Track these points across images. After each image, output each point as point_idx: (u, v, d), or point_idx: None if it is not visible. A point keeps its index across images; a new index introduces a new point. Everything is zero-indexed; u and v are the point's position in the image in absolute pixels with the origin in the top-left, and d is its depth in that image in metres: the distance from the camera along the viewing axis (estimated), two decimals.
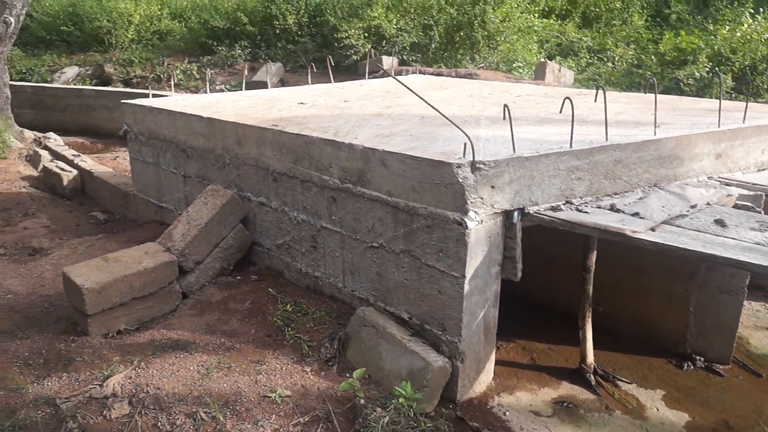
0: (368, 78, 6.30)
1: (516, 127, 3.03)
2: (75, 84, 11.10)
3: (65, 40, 12.90)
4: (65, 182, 6.56)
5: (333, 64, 6.13)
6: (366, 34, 8.72)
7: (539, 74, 7.94)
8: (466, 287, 2.85)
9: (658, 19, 12.01)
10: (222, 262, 4.04)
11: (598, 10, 11.68)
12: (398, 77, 6.40)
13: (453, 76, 7.75)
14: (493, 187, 2.83)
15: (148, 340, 3.42)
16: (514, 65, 8.73)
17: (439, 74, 7.75)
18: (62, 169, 6.72)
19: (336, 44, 8.84)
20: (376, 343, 3.09)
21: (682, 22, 11.85)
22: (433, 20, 8.68)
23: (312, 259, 3.76)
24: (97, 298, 3.41)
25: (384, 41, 8.75)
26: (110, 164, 7.70)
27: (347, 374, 3.05)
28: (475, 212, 2.79)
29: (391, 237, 3.17)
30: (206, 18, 10.92)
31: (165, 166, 4.91)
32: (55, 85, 10.83)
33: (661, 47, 9.29)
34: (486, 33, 8.42)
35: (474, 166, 2.77)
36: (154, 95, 5.48)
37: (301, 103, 4.76)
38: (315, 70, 6.17)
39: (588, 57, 10.06)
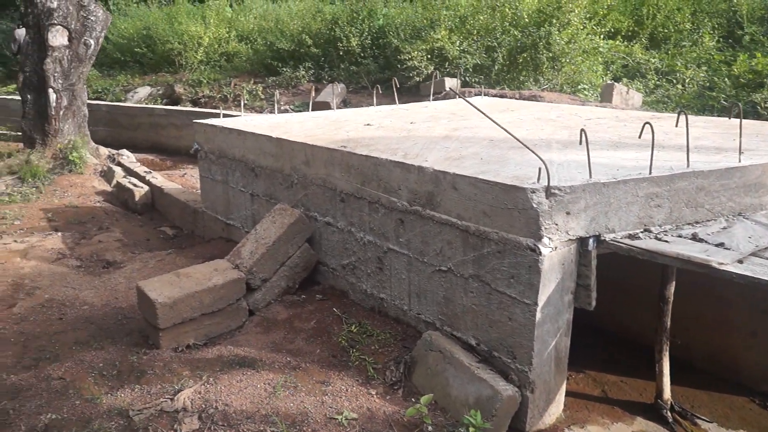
0: (432, 99, 6.31)
1: (581, 151, 2.96)
2: (147, 103, 11.57)
3: (138, 61, 13.51)
4: (137, 198, 6.81)
5: (398, 86, 6.17)
6: (429, 56, 8.76)
7: (606, 96, 7.77)
8: (538, 315, 2.78)
9: (730, 41, 11.58)
10: (288, 280, 4.08)
11: (666, 31, 11.37)
12: (466, 99, 6.38)
13: (517, 98, 7.68)
14: (568, 213, 2.76)
15: (216, 355, 3.48)
16: (579, 87, 8.57)
17: (502, 96, 7.69)
18: (134, 185, 6.99)
19: (399, 66, 8.91)
20: (443, 368, 3.04)
21: (756, 43, 11.39)
22: (496, 42, 8.64)
23: (377, 280, 3.75)
24: (169, 313, 3.49)
25: (447, 63, 8.76)
26: (179, 181, 7.95)
27: (413, 399, 3.01)
28: (549, 238, 2.73)
29: (460, 261, 3.13)
30: (272, 40, 11.23)
31: (233, 184, 5.03)
32: (128, 104, 11.32)
33: (735, 69, 8.95)
34: (551, 55, 8.32)
35: (549, 192, 2.71)
36: (225, 115, 5.63)
37: (368, 124, 4.80)
38: (379, 91, 6.22)
39: (656, 79, 9.78)
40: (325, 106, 9.46)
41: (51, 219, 6.17)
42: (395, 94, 5.99)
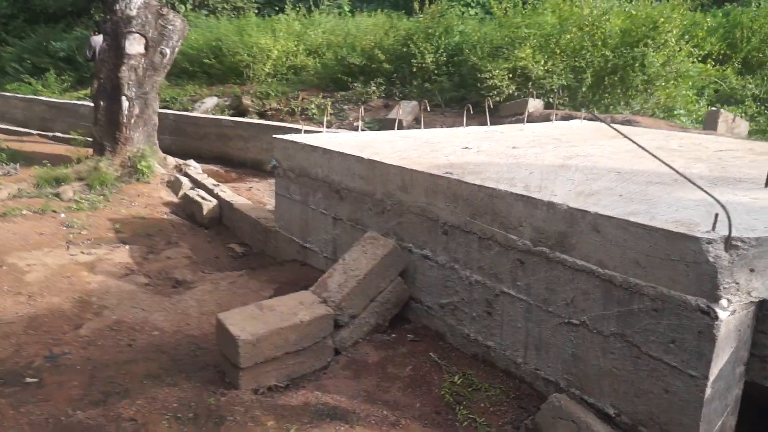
0: (526, 122, 5.85)
1: (740, 192, 2.45)
2: (213, 114, 11.47)
3: (206, 72, 13.50)
4: (205, 212, 6.55)
5: (491, 106, 5.76)
6: (510, 75, 8.31)
7: (710, 124, 7.14)
8: (708, 390, 2.27)
9: None
10: (377, 317, 3.67)
11: (761, 55, 10.60)
12: (564, 122, 5.90)
13: (609, 122, 7.12)
14: (752, 270, 2.25)
15: (302, 402, 3.08)
16: (675, 113, 7.96)
17: (593, 119, 7.15)
18: (202, 198, 6.73)
19: (479, 84, 8.48)
20: None
21: None
22: (584, 62, 8.11)
23: (484, 325, 3.29)
24: (252, 351, 3.11)
25: (530, 83, 8.29)
26: (245, 195, 7.69)
27: None
28: (728, 300, 2.22)
29: (598, 315, 2.65)
30: (343, 54, 10.98)
31: (314, 205, 4.66)
32: (195, 113, 11.24)
33: None
34: (645, 77, 7.75)
35: (729, 243, 2.21)
36: (306, 131, 5.31)
37: (466, 147, 4.37)
38: (470, 111, 5.79)
39: (755, 106, 9.05)
40: (396, 123, 9.08)
41: (118, 230, 5.95)
42: (487, 115, 5.55)
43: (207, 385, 3.26)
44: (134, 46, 7.39)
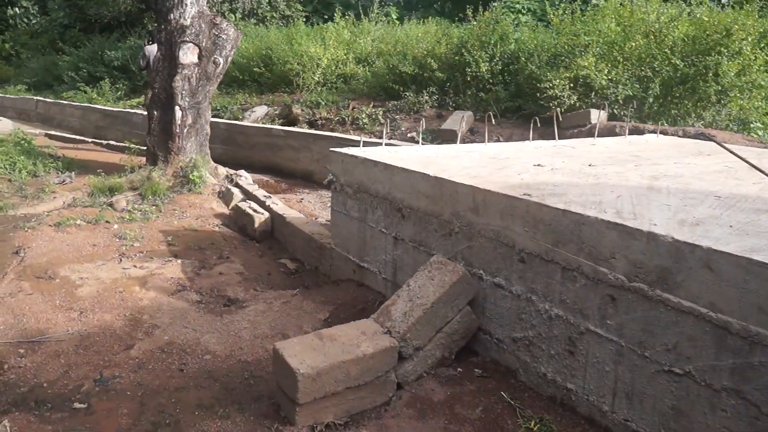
0: (596, 137, 5.49)
1: None
2: (263, 123, 11.41)
3: (256, 80, 13.50)
4: (256, 225, 6.40)
5: (560, 118, 5.43)
6: (571, 85, 7.92)
7: None
8: None
9: None
10: (443, 350, 3.39)
11: None
12: (637, 136, 5.52)
13: (680, 136, 6.69)
14: None
15: None
16: (752, 126, 7.44)
17: (663, 133, 6.73)
18: (254, 211, 6.59)
19: (539, 94, 8.12)
20: None
21: None
22: (651, 71, 7.67)
23: (564, 365, 2.97)
24: (312, 386, 2.88)
25: (593, 93, 7.89)
26: (296, 207, 7.52)
27: None
28: None
29: (707, 366, 2.31)
30: (394, 63, 10.76)
31: (372, 223, 4.42)
32: (245, 123, 11.19)
33: None
34: (719, 88, 7.26)
35: None
36: (365, 143, 5.08)
37: (538, 165, 4.06)
38: (537, 125, 5.48)
39: None
40: (451, 134, 8.81)
41: (170, 243, 5.84)
42: (555, 128, 5.22)
43: (261, 419, 3.04)
44: (188, 55, 7.33)
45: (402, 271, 4.15)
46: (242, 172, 8.48)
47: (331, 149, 4.92)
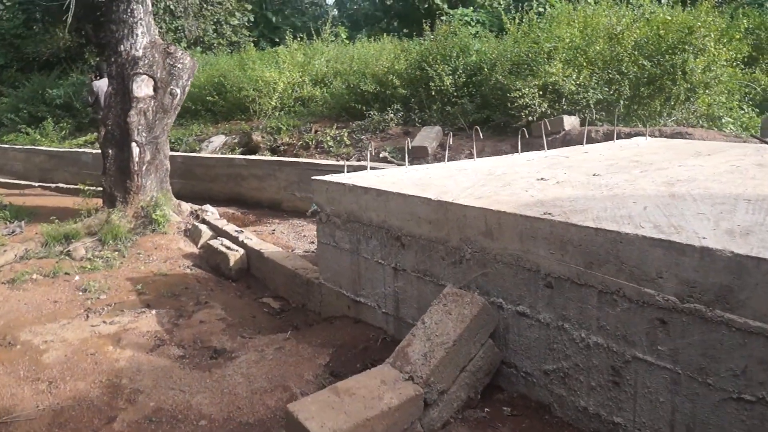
0: (574, 143, 5.32)
1: None
2: (222, 152, 10.97)
3: (210, 109, 13.04)
4: (231, 262, 5.99)
5: (549, 127, 5.24)
6: (541, 92, 7.81)
7: (767, 131, 6.65)
8: None
9: None
10: (469, 390, 3.09)
11: None
12: (626, 140, 5.36)
13: (657, 136, 6.62)
14: None
15: None
16: (724, 121, 7.46)
17: (638, 134, 6.65)
18: (228, 248, 6.18)
19: (508, 104, 7.97)
20: None
21: None
22: (618, 73, 7.62)
23: (609, 397, 2.71)
24: None
25: (563, 99, 7.78)
26: (270, 239, 7.13)
27: None
28: None
29: None
30: (354, 82, 10.50)
31: (367, 254, 4.11)
32: (204, 154, 10.73)
33: None
34: (688, 85, 7.26)
35: None
36: (350, 168, 4.77)
37: (542, 179, 3.83)
38: (520, 137, 5.27)
39: None
40: (422, 151, 8.59)
41: (140, 291, 5.37)
42: (545, 141, 5.02)
43: None
44: (142, 88, 6.90)
45: (406, 304, 3.84)
46: (208, 206, 8.03)
47: (313, 178, 4.59)
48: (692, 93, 7.42)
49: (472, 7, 17.30)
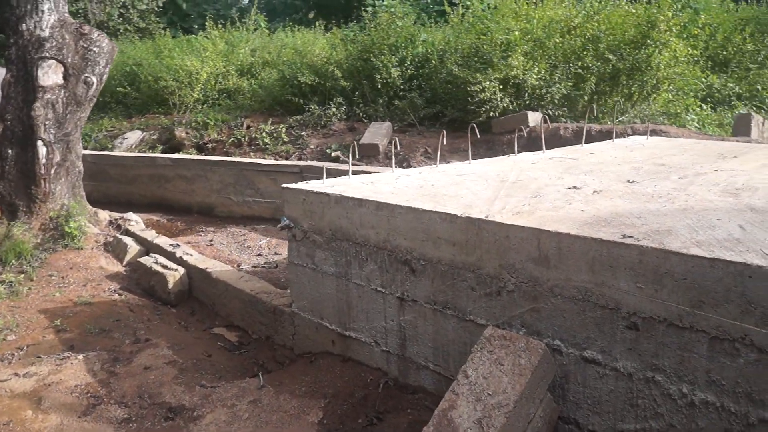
0: (584, 144, 4.80)
1: None
2: (139, 150, 9.77)
3: (122, 102, 11.72)
4: (170, 285, 5.05)
5: (548, 124, 4.65)
6: (501, 87, 7.30)
7: (741, 129, 6.48)
8: None
9: None
10: None
11: (726, 53, 10.29)
12: (625, 140, 4.88)
13: (630, 134, 6.27)
14: None
15: None
16: (689, 118, 7.27)
17: (609, 132, 6.28)
18: (164, 267, 5.22)
19: (470, 98, 7.39)
20: None
21: None
22: (583, 68, 7.25)
23: None
24: None
25: (525, 94, 7.32)
26: (208, 252, 6.21)
27: None
28: None
29: None
30: (290, 74, 9.61)
31: (360, 280, 3.37)
32: (120, 153, 9.49)
33: None
34: (654, 81, 7.00)
35: None
36: (329, 170, 4.00)
37: (573, 187, 3.23)
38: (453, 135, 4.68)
39: (741, 105, 8.59)
40: (372, 148, 7.88)
41: (60, 328, 4.34)
42: (543, 140, 4.45)
43: None
44: (50, 75, 5.74)
45: (415, 341, 3.14)
46: (131, 214, 6.94)
47: (284, 186, 3.78)
48: (656, 89, 7.18)
49: None
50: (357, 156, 8.13)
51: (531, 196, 3.09)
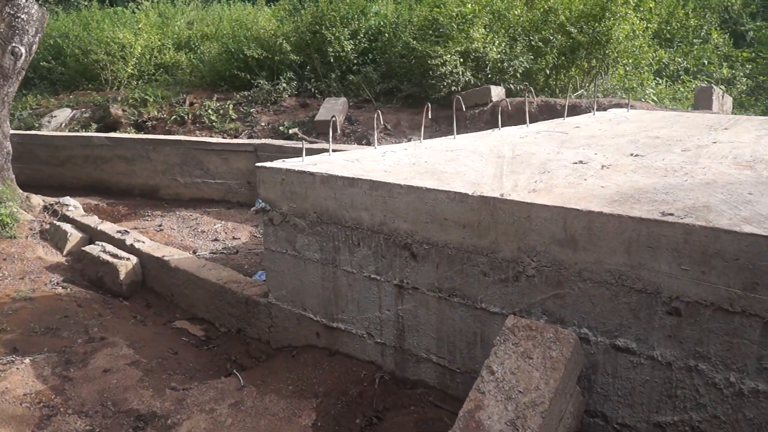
0: (566, 117, 4.63)
1: None
2: (70, 129, 9.01)
3: (46, 77, 10.79)
4: (122, 275, 4.60)
5: (536, 98, 4.42)
6: (461, 60, 7.07)
7: (702, 102, 6.50)
8: None
9: (732, 37, 10.91)
10: None
11: (669, 28, 10.46)
12: (607, 113, 4.74)
13: (597, 108, 6.19)
14: None
15: None
16: (647, 92, 7.28)
17: (575, 107, 6.18)
18: (114, 256, 4.74)
19: (431, 72, 7.11)
20: None
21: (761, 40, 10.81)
22: (543, 41, 7.12)
23: None
24: None
25: (487, 68, 7.12)
26: (159, 238, 5.74)
27: None
28: None
29: None
30: (237, 47, 9.05)
31: (351, 267, 3.08)
32: (49, 132, 8.71)
33: None
34: (615, 55, 6.95)
35: None
36: (309, 150, 3.66)
37: (579, 162, 3.04)
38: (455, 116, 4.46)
39: (689, 79, 8.73)
40: (327, 125, 7.50)
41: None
42: (528, 117, 4.25)
43: None
44: None
45: (415, 332, 2.89)
46: (68, 199, 6.34)
47: (258, 165, 3.42)
48: (615, 63, 7.14)
49: None
50: (314, 133, 7.77)
51: (539, 172, 2.87)
